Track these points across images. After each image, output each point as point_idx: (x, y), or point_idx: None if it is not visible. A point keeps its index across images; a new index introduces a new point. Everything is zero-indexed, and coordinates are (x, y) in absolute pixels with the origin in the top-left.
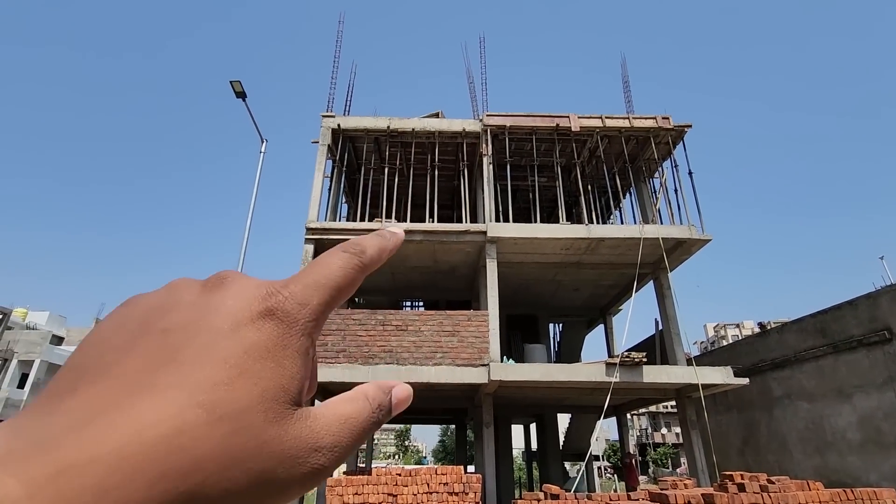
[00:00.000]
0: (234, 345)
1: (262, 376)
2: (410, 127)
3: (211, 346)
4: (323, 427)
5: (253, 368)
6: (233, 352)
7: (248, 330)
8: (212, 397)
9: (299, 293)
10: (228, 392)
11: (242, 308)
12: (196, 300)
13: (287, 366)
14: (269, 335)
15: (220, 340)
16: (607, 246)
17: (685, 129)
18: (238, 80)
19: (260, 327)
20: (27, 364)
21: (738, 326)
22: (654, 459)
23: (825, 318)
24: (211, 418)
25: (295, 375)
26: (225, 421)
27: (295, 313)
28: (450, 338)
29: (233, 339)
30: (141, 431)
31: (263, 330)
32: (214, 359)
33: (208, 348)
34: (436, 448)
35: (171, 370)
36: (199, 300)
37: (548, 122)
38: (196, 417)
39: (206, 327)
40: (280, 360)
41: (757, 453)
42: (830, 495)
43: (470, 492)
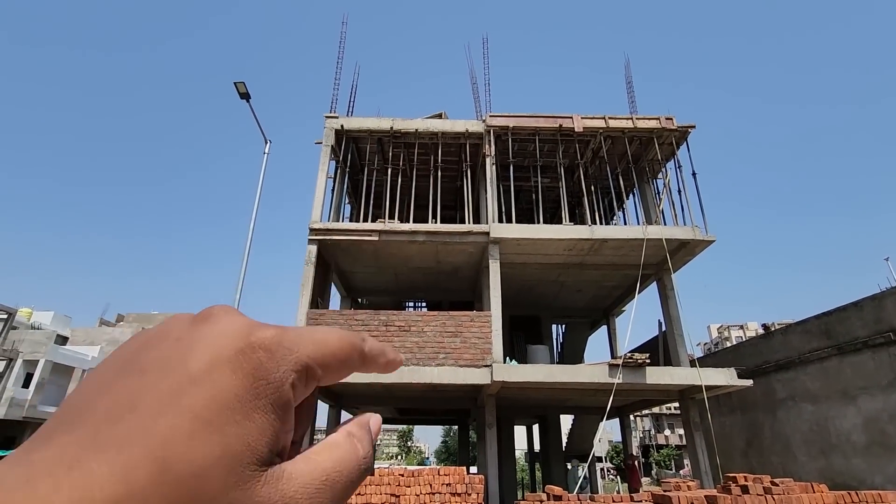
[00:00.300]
0: (202, 390)
1: (226, 431)
2: (413, 128)
3: (179, 392)
4: (299, 489)
5: (218, 420)
6: (200, 399)
7: (222, 372)
8: (167, 454)
9: (288, 338)
10: (187, 448)
11: (222, 345)
12: (181, 334)
13: (257, 419)
14: (242, 380)
15: (190, 385)
16: (610, 247)
17: (689, 130)
18: (242, 81)
19: (236, 368)
20: (32, 364)
21: (741, 328)
22: (658, 461)
23: (830, 319)
24: (164, 479)
25: (265, 430)
26: (180, 483)
27: (278, 356)
28: (453, 338)
29: (203, 383)
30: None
31: (238, 372)
32: (180, 407)
33: (176, 394)
34: (438, 449)
35: (133, 419)
36: (184, 334)
37: (551, 122)
38: (148, 477)
39: (180, 368)
40: (249, 412)
41: (761, 455)
42: (835, 497)
43: (472, 492)
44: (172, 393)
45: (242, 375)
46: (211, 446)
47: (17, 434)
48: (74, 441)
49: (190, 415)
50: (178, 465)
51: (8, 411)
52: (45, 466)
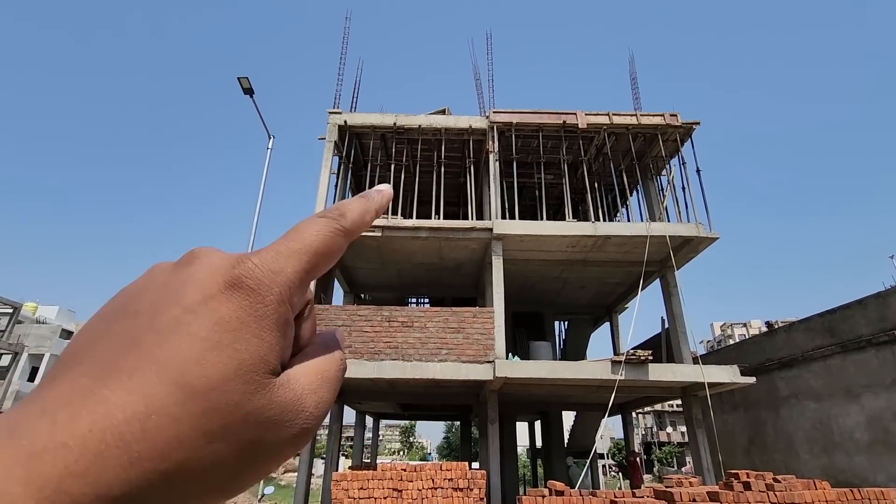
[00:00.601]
0: (203, 319)
1: (237, 348)
2: (417, 124)
3: (179, 322)
4: (305, 386)
5: (226, 341)
6: (203, 325)
7: (218, 302)
8: (182, 373)
9: (271, 260)
10: (199, 367)
11: (210, 280)
12: (167, 279)
13: (265, 338)
14: (240, 305)
15: (188, 315)
16: (614, 244)
17: (693, 126)
18: (246, 77)
19: (230, 297)
20: (37, 357)
21: (745, 326)
22: (660, 458)
23: (834, 317)
24: (184, 396)
25: (274, 346)
26: (200, 397)
27: (267, 281)
28: (455, 334)
29: (202, 312)
30: (109, 414)
31: (234, 300)
32: (183, 334)
33: (176, 324)
34: (440, 445)
35: (136, 350)
36: (170, 279)
37: (554, 118)
38: (167, 396)
39: (174, 303)
40: (257, 332)
41: (763, 453)
42: (837, 495)
43: (474, 488)
44: (172, 324)
45: (238, 302)
46: (224, 363)
47: None
48: (82, 375)
49: (196, 338)
50: (195, 382)
51: (14, 405)
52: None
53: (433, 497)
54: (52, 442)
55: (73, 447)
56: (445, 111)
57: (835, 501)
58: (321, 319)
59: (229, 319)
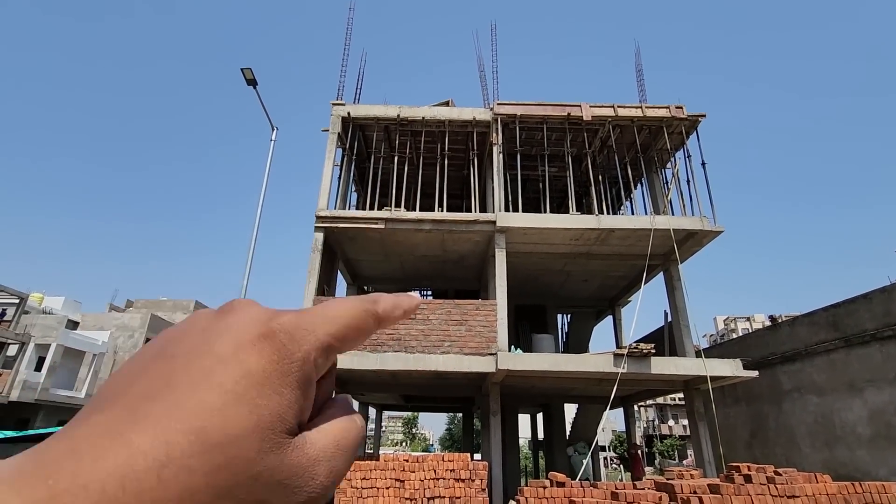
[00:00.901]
0: (232, 369)
1: (258, 403)
2: (420, 115)
3: (210, 371)
4: (319, 452)
5: (249, 394)
6: (230, 376)
7: (249, 353)
8: (204, 424)
9: (305, 320)
10: (221, 419)
11: (244, 331)
12: (206, 326)
13: (286, 394)
14: (269, 360)
15: (219, 365)
16: (617, 237)
17: (699, 119)
18: (249, 68)
19: (261, 351)
20: (43, 348)
21: (748, 320)
22: (661, 451)
23: (838, 311)
24: (202, 447)
25: (293, 404)
26: (216, 450)
27: (298, 338)
28: (458, 327)
29: (232, 363)
30: (132, 460)
31: (264, 354)
32: (211, 383)
33: (207, 373)
34: (443, 436)
35: (167, 396)
36: (209, 326)
37: (559, 110)
38: (188, 446)
39: (208, 352)
40: (279, 388)
41: (765, 446)
42: (838, 488)
43: (476, 478)
44: (203, 372)
45: (268, 356)
46: (244, 417)
47: (31, 416)
48: (113, 418)
49: (221, 390)
50: (214, 434)
51: (21, 394)
52: (87, 439)
53: (435, 487)
54: (74, 485)
55: (92, 492)
56: (449, 103)
57: (836, 495)
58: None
59: (255, 372)
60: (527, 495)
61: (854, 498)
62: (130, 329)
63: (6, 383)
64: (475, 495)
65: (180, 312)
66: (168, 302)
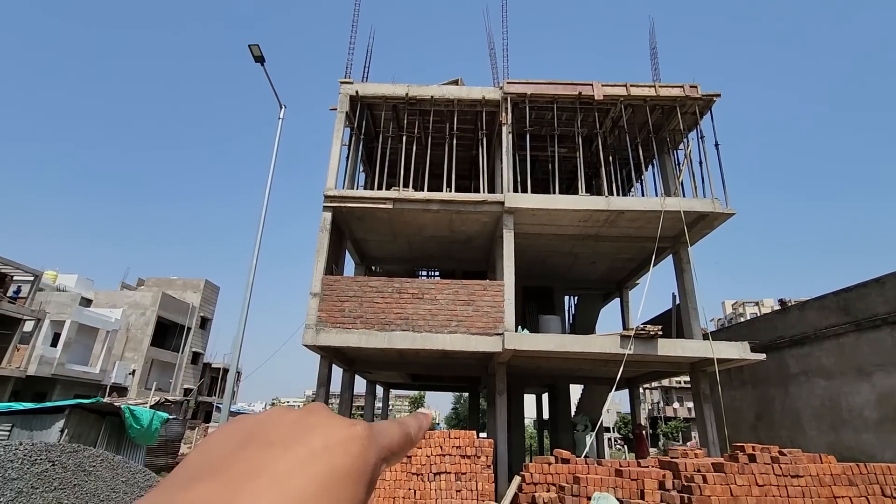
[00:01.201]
0: (322, 463)
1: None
2: (429, 94)
3: (304, 461)
4: None
5: (335, 487)
6: (322, 469)
7: (336, 451)
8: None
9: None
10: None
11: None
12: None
13: (359, 491)
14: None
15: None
16: (627, 218)
17: (714, 99)
18: (256, 44)
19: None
20: (58, 324)
21: (757, 304)
22: (665, 433)
23: (849, 295)
24: None
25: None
26: None
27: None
28: (465, 307)
29: (323, 457)
30: None
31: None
32: (306, 472)
33: (302, 462)
34: (449, 415)
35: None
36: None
37: (570, 89)
38: None
39: (305, 443)
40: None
41: (770, 429)
42: (843, 469)
43: (482, 455)
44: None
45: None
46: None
47: (48, 390)
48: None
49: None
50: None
51: (38, 368)
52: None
53: (441, 463)
54: None
55: None
56: (458, 82)
57: (840, 475)
58: (333, 290)
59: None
60: (532, 471)
61: (859, 478)
62: (142, 307)
63: (24, 358)
64: (480, 471)
65: (190, 291)
66: (178, 281)
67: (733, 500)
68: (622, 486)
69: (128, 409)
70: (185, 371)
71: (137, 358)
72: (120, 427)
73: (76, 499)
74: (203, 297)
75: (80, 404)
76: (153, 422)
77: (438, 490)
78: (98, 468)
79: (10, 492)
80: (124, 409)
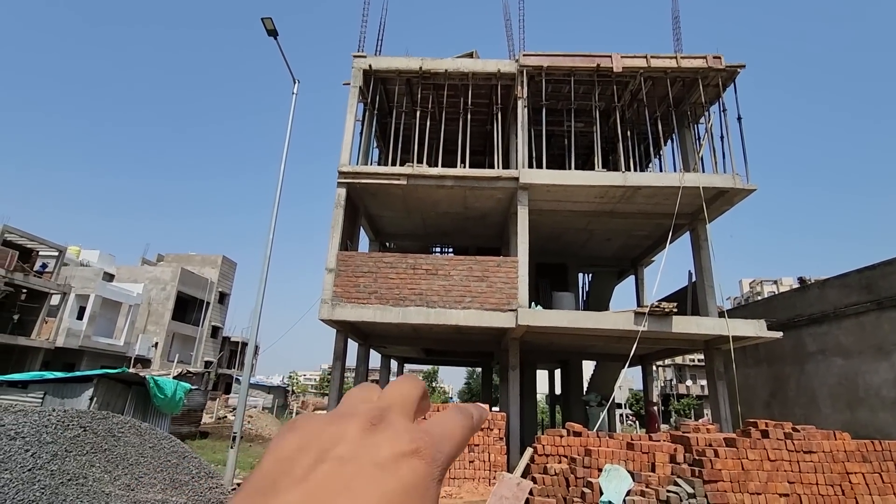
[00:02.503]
0: (393, 480)
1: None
2: (443, 68)
3: (376, 479)
4: None
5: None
6: (392, 486)
7: (403, 467)
8: None
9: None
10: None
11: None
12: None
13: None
14: (417, 475)
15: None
16: (644, 195)
17: (738, 70)
18: (269, 17)
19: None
20: (83, 298)
21: (775, 283)
22: (677, 410)
23: (873, 273)
24: None
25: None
26: None
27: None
28: (479, 283)
29: (392, 474)
30: None
31: (415, 469)
32: (380, 490)
33: (374, 480)
34: (461, 390)
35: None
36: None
37: (588, 61)
38: None
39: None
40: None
41: (784, 406)
42: (857, 445)
43: (494, 428)
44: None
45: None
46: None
47: (75, 361)
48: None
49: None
50: None
51: (66, 340)
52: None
53: None
54: None
55: None
56: (473, 55)
57: (854, 451)
58: (348, 266)
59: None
60: (544, 443)
61: (873, 455)
62: (162, 282)
63: (52, 330)
64: (493, 443)
65: (208, 267)
66: (197, 257)
67: (744, 474)
68: (633, 459)
69: (152, 380)
70: (204, 344)
71: (159, 331)
72: (145, 397)
73: (106, 462)
74: (221, 273)
75: (107, 374)
76: (177, 392)
77: None
78: (126, 434)
79: (46, 455)
80: (149, 379)
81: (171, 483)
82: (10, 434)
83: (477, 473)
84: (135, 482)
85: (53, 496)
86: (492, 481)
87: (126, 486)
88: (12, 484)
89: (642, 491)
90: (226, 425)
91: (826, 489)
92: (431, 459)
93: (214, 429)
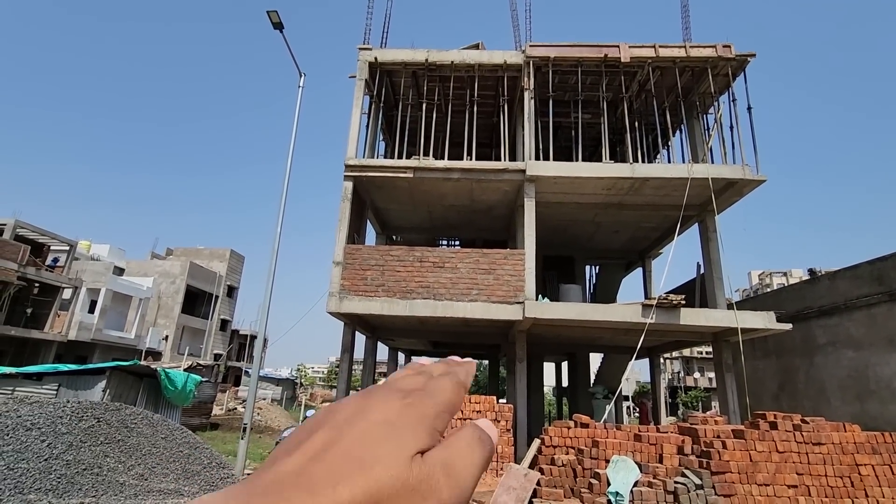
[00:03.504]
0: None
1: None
2: (449, 59)
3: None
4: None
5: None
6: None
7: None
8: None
9: (429, 391)
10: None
11: (390, 402)
12: (388, 402)
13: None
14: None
15: (375, 426)
16: (652, 186)
17: (748, 59)
18: (275, 11)
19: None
20: (94, 292)
21: (785, 275)
22: (685, 402)
23: (885, 264)
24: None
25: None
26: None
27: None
28: (486, 275)
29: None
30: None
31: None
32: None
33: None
34: None
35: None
36: (360, 400)
37: (595, 52)
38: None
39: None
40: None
41: (793, 398)
42: (866, 437)
43: (501, 419)
44: (363, 432)
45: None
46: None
47: (87, 353)
48: (332, 460)
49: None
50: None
51: (78, 333)
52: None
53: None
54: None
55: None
56: (479, 46)
57: (864, 443)
58: (355, 259)
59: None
60: (551, 434)
61: (882, 447)
62: (172, 276)
63: (64, 324)
64: (500, 434)
65: (217, 261)
66: (205, 251)
67: (752, 465)
68: (641, 451)
69: (163, 372)
70: (214, 337)
71: (169, 324)
72: (157, 389)
73: (120, 453)
74: (229, 267)
75: (119, 366)
76: (187, 384)
77: None
78: (139, 425)
79: (62, 445)
80: (160, 371)
81: (183, 473)
82: (26, 425)
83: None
84: (148, 472)
85: (69, 485)
86: (499, 472)
87: (139, 476)
88: (29, 473)
89: (650, 482)
90: (236, 417)
91: (835, 481)
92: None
93: (225, 420)
